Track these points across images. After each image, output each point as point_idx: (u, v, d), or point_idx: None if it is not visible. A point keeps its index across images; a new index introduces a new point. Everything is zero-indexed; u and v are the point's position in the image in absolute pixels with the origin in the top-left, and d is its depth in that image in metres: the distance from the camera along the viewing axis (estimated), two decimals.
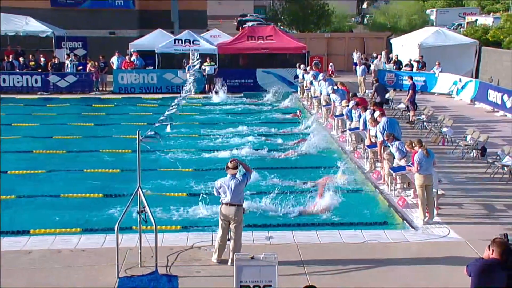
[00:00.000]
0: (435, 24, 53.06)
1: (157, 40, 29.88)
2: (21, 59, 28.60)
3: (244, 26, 46.59)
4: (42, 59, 28.38)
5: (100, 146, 17.61)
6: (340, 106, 19.02)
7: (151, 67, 29.03)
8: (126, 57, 28.93)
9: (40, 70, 28.05)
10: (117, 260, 9.04)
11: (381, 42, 36.83)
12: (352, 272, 9.36)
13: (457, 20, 56.32)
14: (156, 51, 28.65)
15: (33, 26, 29.50)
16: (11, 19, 29.39)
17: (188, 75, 24.90)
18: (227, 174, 9.58)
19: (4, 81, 27.48)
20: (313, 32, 45.96)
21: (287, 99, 25.47)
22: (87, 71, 28.16)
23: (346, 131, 17.93)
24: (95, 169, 15.34)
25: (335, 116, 19.44)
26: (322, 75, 22.66)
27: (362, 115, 15.94)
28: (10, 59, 28.42)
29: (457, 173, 14.89)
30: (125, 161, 15.73)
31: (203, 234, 10.76)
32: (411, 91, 21.36)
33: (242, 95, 27.43)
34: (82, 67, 28.58)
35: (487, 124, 20.94)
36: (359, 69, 28.41)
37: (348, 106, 17.48)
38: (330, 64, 32.17)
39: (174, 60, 28.96)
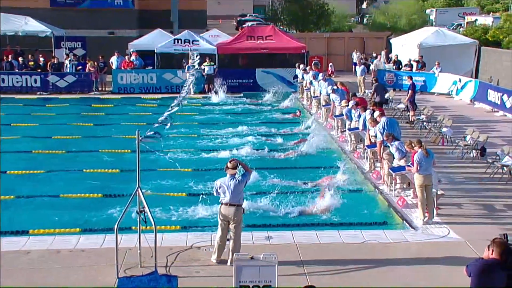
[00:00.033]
0: (434, 24, 53.05)
1: (156, 40, 29.87)
2: (20, 59, 28.58)
3: (243, 26, 46.60)
4: (41, 59, 28.37)
5: (100, 146, 17.59)
6: (339, 106, 19.01)
7: (151, 67, 29.01)
8: (126, 57, 28.91)
9: (39, 70, 28.03)
10: (116, 260, 9.04)
11: (380, 42, 36.82)
12: (352, 272, 9.36)
13: (456, 20, 56.31)
14: (155, 51, 28.65)
15: (32, 26, 29.49)
16: (10, 19, 29.37)
17: (188, 75, 24.91)
18: (226, 174, 9.58)
19: (3, 81, 27.45)
20: (312, 32, 45.97)
21: (287, 99, 25.46)
22: (86, 71, 28.14)
23: (345, 131, 17.92)
24: (95, 169, 15.32)
25: (335, 116, 19.43)
26: (321, 75, 22.66)
27: (362, 115, 15.93)
28: (9, 59, 28.38)
29: (456, 173, 14.88)
30: (124, 161, 15.73)
31: (202, 234, 10.75)
32: (410, 91, 21.35)
33: (242, 95, 27.40)
34: (81, 67, 28.56)
35: (486, 124, 20.93)
36: (358, 69, 28.39)
37: (347, 106, 17.47)
38: (330, 64, 32.18)
39: (174, 60, 28.94)
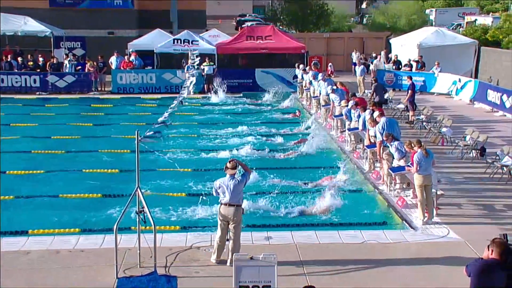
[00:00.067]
0: (434, 24, 53.03)
1: (156, 40, 29.85)
2: (19, 59, 28.56)
3: (243, 26, 46.63)
4: (41, 59, 28.36)
5: (99, 146, 17.58)
6: (339, 106, 19.01)
7: (150, 67, 28.99)
8: (125, 57, 28.90)
9: (38, 70, 28.02)
10: (116, 261, 9.03)
11: (380, 42, 36.82)
12: (351, 273, 9.35)
13: (456, 20, 56.32)
14: (155, 51, 28.63)
15: (31, 26, 29.46)
16: (10, 19, 29.34)
17: (187, 75, 24.89)
18: (226, 175, 9.57)
19: (2, 81, 27.44)
20: (312, 32, 45.98)
21: (287, 99, 25.44)
22: (85, 71, 28.13)
23: (345, 131, 17.91)
24: (94, 169, 15.31)
25: (334, 116, 19.41)
26: (321, 75, 22.66)
27: (361, 115, 15.92)
28: (9, 59, 28.38)
29: (456, 173, 14.87)
30: (124, 161, 15.73)
31: (202, 234, 10.75)
32: (410, 91, 21.34)
33: (241, 95, 27.39)
34: (80, 67, 28.55)
35: (486, 124, 20.92)
36: (358, 69, 28.37)
37: (347, 106, 17.47)
38: (329, 64, 32.15)
39: (173, 60, 28.92)
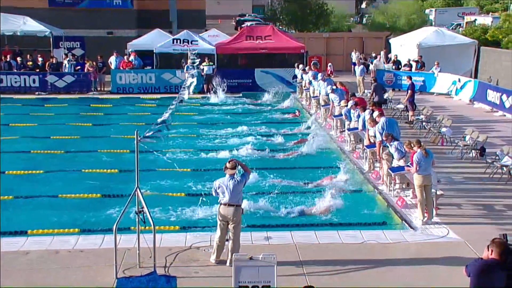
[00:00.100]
0: (434, 24, 53.03)
1: (155, 40, 29.84)
2: (18, 59, 28.53)
3: (242, 25, 46.61)
4: (40, 59, 28.34)
5: (98, 146, 17.56)
6: (338, 106, 19.00)
7: (149, 67, 28.98)
8: (124, 57, 28.88)
9: (38, 70, 28.00)
10: (115, 261, 9.01)
11: (380, 42, 36.80)
12: (351, 273, 9.34)
13: (456, 20, 56.33)
14: (154, 51, 28.61)
15: (31, 26, 29.44)
16: (9, 19, 29.31)
17: (187, 75, 24.88)
18: (225, 175, 9.56)
19: (1, 81, 27.40)
20: (311, 32, 45.97)
21: (286, 99, 25.43)
22: (85, 71, 28.11)
23: (345, 131, 17.91)
24: (93, 169, 15.30)
25: (334, 116, 19.41)
26: (321, 75, 22.65)
27: (361, 115, 15.91)
28: (8, 59, 28.36)
29: (456, 173, 14.86)
30: (123, 161, 15.71)
31: (201, 234, 10.73)
32: (410, 91, 21.32)
33: (241, 95, 27.38)
34: (80, 67, 28.51)
35: (486, 124, 20.92)
36: (357, 69, 28.35)
37: (346, 106, 17.46)
38: (329, 64, 32.12)
39: (173, 60, 28.91)
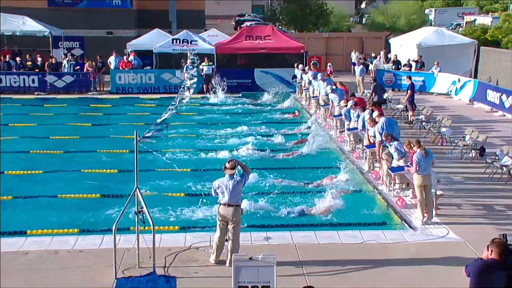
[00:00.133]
0: (433, 24, 52.99)
1: (154, 40, 29.82)
2: (18, 59, 28.49)
3: (242, 26, 46.53)
4: (39, 59, 28.30)
5: (98, 147, 17.54)
6: (338, 106, 18.99)
7: (149, 67, 28.96)
8: (124, 57, 28.86)
9: (37, 70, 27.97)
10: (114, 261, 9.00)
11: (379, 42, 36.79)
12: (351, 273, 9.33)
13: (455, 20, 56.30)
14: (153, 51, 28.59)
15: (30, 26, 29.42)
16: (8, 19, 29.29)
17: (186, 75, 24.86)
18: (225, 175, 9.54)
19: (1, 81, 27.37)
20: (311, 32, 45.94)
21: (286, 99, 25.42)
22: (84, 71, 28.08)
23: (344, 131, 17.90)
24: (93, 169, 15.28)
25: (334, 116, 19.39)
26: (320, 75, 22.64)
27: (361, 115, 15.90)
28: (7, 59, 28.32)
29: (456, 173, 14.85)
30: (122, 161, 15.71)
31: (201, 234, 10.72)
32: (409, 91, 21.32)
33: (240, 95, 27.36)
34: (79, 67, 28.48)
35: (485, 124, 20.91)
36: (357, 69, 28.34)
37: (346, 106, 17.45)
38: (329, 64, 32.09)
39: (172, 60, 28.89)
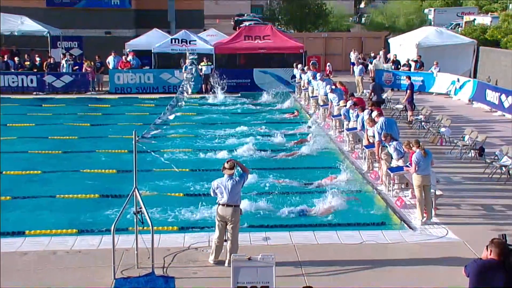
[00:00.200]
0: (433, 24, 52.92)
1: (153, 39, 29.79)
2: (16, 59, 28.49)
3: (241, 25, 46.48)
4: (38, 59, 28.25)
5: (97, 147, 17.53)
6: (337, 106, 18.98)
7: (148, 67, 28.94)
8: (123, 57, 28.84)
9: (35, 70, 27.92)
10: (113, 261, 8.97)
11: (378, 42, 36.77)
12: (350, 273, 9.31)
13: (455, 19, 56.22)
14: (152, 51, 28.55)
15: (28, 25, 29.41)
16: (6, 19, 29.28)
17: (185, 75, 24.86)
18: (224, 175, 9.52)
19: None
20: (310, 31, 45.91)
21: (285, 99, 25.41)
22: (83, 71, 28.05)
23: (343, 131, 17.88)
24: (92, 169, 15.26)
25: (333, 116, 19.38)
26: (319, 75, 22.62)
27: (360, 115, 15.88)
28: (5, 59, 28.30)
29: (455, 173, 14.83)
30: (121, 161, 15.69)
31: (200, 235, 10.70)
32: (409, 91, 21.30)
33: (239, 95, 27.34)
34: (78, 67, 28.47)
35: (485, 124, 20.90)
36: (356, 69, 28.34)
37: (345, 106, 17.43)
38: (328, 64, 32.08)
39: (171, 60, 28.85)
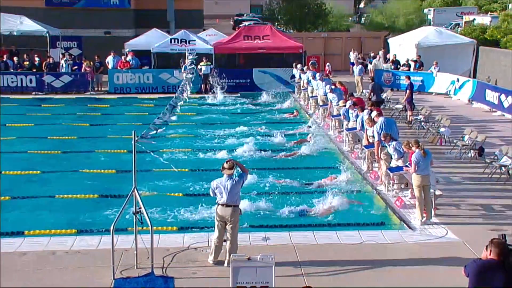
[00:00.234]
0: (432, 24, 52.96)
1: (153, 39, 29.76)
2: (15, 58, 28.46)
3: (240, 25, 46.47)
4: (37, 58, 28.23)
5: (96, 147, 17.52)
6: (337, 106, 18.97)
7: (147, 67, 28.90)
8: (122, 57, 28.82)
9: (34, 70, 27.89)
10: (112, 262, 8.96)
11: (378, 42, 36.76)
12: (350, 273, 9.30)
13: (454, 19, 56.22)
14: (152, 51, 28.52)
15: (27, 25, 29.39)
16: (6, 19, 29.25)
17: (184, 75, 24.81)
18: (223, 175, 9.51)
19: None
20: (310, 31, 45.90)
21: (284, 99, 25.39)
22: (82, 71, 28.03)
23: (343, 131, 17.87)
24: (91, 169, 15.24)
25: (332, 116, 19.37)
26: (319, 75, 22.62)
27: (359, 115, 15.88)
28: (4, 59, 28.26)
29: (454, 173, 14.83)
30: (121, 161, 15.69)
31: (199, 235, 10.69)
32: (408, 91, 21.30)
33: (239, 95, 27.33)
34: (77, 67, 28.44)
35: (484, 124, 20.90)
36: (356, 69, 28.34)
37: (345, 106, 17.42)
38: (327, 64, 32.07)
39: (170, 60, 28.83)
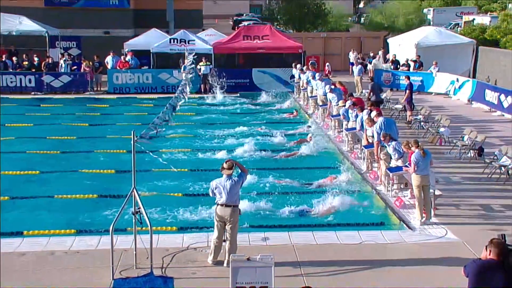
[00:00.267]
0: (432, 24, 52.96)
1: (152, 39, 29.74)
2: (14, 58, 28.42)
3: (240, 25, 46.47)
4: (36, 58, 28.20)
5: (95, 147, 17.50)
6: (336, 106, 18.96)
7: (146, 67, 28.88)
8: (121, 56, 28.79)
9: (33, 70, 27.86)
10: (111, 262, 8.94)
11: (378, 42, 36.74)
12: (349, 273, 9.29)
13: (454, 19, 56.22)
14: (151, 51, 28.50)
15: (26, 25, 29.36)
16: (5, 18, 29.22)
17: (184, 75, 24.80)
18: (222, 175, 9.50)
19: None
20: (309, 31, 45.90)
21: (284, 99, 25.37)
22: (81, 71, 28.00)
23: (342, 131, 17.86)
24: (90, 169, 15.23)
25: (332, 116, 19.36)
26: (318, 75, 22.61)
27: (359, 115, 15.87)
28: (3, 59, 28.22)
29: (454, 173, 14.82)
30: (120, 161, 15.66)
31: (198, 235, 10.68)
32: (408, 91, 21.29)
33: (238, 95, 27.32)
34: (76, 67, 28.41)
35: (484, 124, 20.89)
36: (355, 69, 28.34)
37: (344, 106, 17.42)
38: (327, 64, 32.07)
39: (170, 60, 28.80)
